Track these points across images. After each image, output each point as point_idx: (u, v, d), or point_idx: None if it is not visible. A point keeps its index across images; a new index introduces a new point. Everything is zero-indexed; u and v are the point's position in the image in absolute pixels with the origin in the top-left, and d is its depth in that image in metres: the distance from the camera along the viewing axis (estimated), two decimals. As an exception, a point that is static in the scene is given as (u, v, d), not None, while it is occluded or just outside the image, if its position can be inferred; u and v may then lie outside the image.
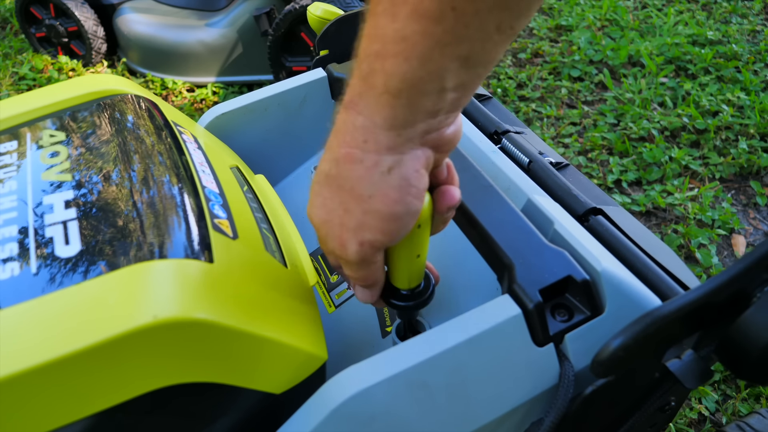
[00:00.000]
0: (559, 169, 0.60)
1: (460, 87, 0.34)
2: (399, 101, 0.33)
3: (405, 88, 0.33)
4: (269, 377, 0.42)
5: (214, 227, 0.43)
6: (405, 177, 0.36)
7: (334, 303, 0.61)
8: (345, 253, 0.39)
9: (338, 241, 0.38)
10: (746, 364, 0.38)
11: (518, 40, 1.91)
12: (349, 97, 0.35)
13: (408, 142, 0.35)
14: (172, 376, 0.37)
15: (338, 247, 0.39)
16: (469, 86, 0.35)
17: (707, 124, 1.47)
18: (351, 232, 0.38)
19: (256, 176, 0.63)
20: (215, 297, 0.38)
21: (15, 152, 0.49)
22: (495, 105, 0.73)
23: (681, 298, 0.38)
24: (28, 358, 0.33)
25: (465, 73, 0.33)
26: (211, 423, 0.41)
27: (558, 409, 0.42)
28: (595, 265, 0.44)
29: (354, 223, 0.37)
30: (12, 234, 0.41)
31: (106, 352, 0.34)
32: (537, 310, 0.42)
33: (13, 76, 1.75)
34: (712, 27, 1.90)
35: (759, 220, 1.30)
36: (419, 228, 0.40)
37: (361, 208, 0.36)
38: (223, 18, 1.67)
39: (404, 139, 0.35)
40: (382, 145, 0.35)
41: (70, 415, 0.35)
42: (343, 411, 0.39)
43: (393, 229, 0.37)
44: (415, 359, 0.40)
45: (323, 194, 0.38)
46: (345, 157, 0.36)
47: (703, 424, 0.94)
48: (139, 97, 0.56)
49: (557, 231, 0.48)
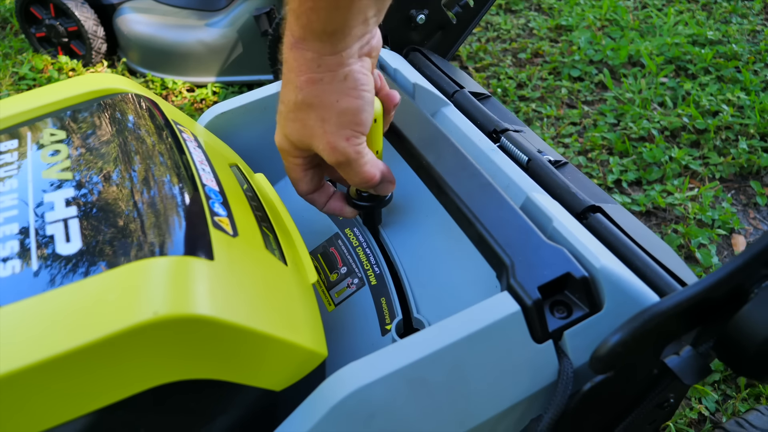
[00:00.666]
0: (557, 167, 0.61)
1: (378, 12, 0.45)
2: (335, 37, 0.44)
3: (339, 28, 0.43)
4: (269, 374, 0.42)
5: (214, 225, 0.43)
6: (356, 79, 0.46)
7: (334, 301, 0.61)
8: (339, 154, 0.48)
9: (329, 147, 0.48)
10: (744, 359, 0.38)
11: (518, 40, 1.91)
12: (294, 40, 0.45)
13: (350, 58, 0.46)
14: (172, 373, 0.37)
15: (331, 153, 0.48)
16: (383, 8, 0.46)
17: (707, 124, 1.47)
18: (335, 134, 0.47)
19: (255, 175, 0.63)
20: (215, 294, 0.38)
21: (16, 151, 0.49)
22: (494, 104, 0.73)
23: (679, 294, 0.38)
24: (28, 355, 0.33)
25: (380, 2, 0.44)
26: (211, 420, 0.41)
27: (557, 405, 0.42)
28: (594, 262, 0.45)
29: (333, 125, 0.47)
30: (13, 232, 0.41)
31: (106, 349, 0.34)
32: (536, 307, 0.43)
33: (13, 76, 1.75)
34: (712, 27, 1.90)
35: (759, 220, 1.30)
36: (375, 123, 0.52)
37: (334, 111, 0.47)
38: (223, 18, 1.67)
39: (347, 56, 0.45)
40: (332, 65, 0.45)
41: (71, 412, 0.35)
42: (342, 408, 0.39)
43: (362, 118, 0.48)
44: (415, 356, 0.40)
45: (298, 118, 0.48)
46: (307, 82, 0.46)
47: (703, 424, 0.94)
48: (140, 96, 0.57)
49: (556, 228, 0.49)
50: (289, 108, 0.48)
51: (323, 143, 0.48)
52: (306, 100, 0.46)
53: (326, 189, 0.58)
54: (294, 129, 0.49)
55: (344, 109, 0.47)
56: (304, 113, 0.47)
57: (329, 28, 0.43)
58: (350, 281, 0.61)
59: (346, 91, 0.46)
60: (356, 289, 0.60)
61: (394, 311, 0.56)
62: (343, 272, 0.62)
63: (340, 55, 0.45)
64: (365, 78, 0.47)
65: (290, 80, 0.46)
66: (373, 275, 0.60)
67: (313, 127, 0.47)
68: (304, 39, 0.44)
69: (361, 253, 0.62)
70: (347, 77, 0.46)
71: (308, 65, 0.45)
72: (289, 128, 0.49)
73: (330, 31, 0.43)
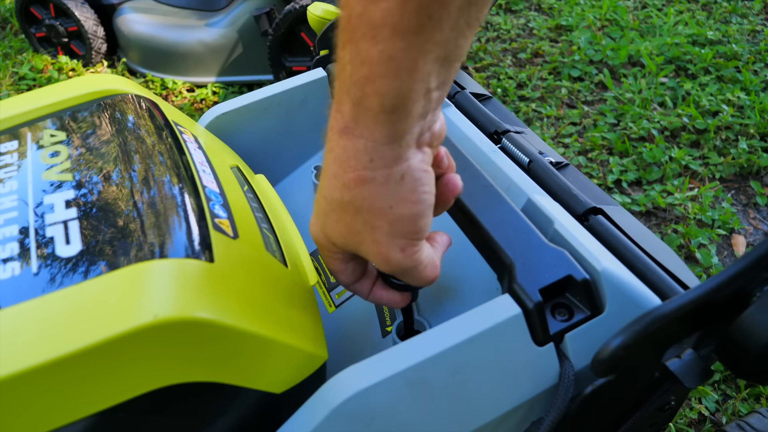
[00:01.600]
0: (559, 168, 0.61)
1: (442, 85, 0.37)
2: (395, 116, 0.35)
3: (399, 103, 0.35)
4: (270, 377, 0.42)
5: (214, 227, 0.43)
6: (416, 179, 0.38)
7: (335, 303, 0.61)
8: (395, 266, 0.41)
9: (380, 257, 0.41)
10: (746, 363, 0.38)
11: (518, 40, 1.91)
12: (343, 124, 0.37)
13: (408, 148, 0.37)
14: (172, 375, 0.37)
15: (384, 264, 0.41)
16: (447, 82, 0.37)
17: (707, 124, 1.47)
18: (387, 245, 0.40)
19: (256, 176, 0.63)
20: (216, 296, 0.38)
21: (15, 152, 0.49)
22: (495, 105, 0.73)
23: (681, 298, 0.38)
24: (29, 358, 0.33)
25: (445, 71, 0.36)
26: (211, 422, 0.41)
27: (558, 408, 0.42)
28: (595, 265, 0.45)
29: (385, 236, 0.40)
30: (12, 233, 0.41)
31: (106, 352, 0.34)
32: (537, 310, 0.43)
33: (13, 76, 1.75)
34: (712, 27, 1.90)
35: (759, 220, 1.30)
36: None
37: (386, 220, 0.39)
38: (223, 18, 1.67)
39: (405, 146, 0.37)
40: (388, 160, 0.37)
41: (71, 415, 0.35)
42: (343, 410, 0.39)
43: (420, 226, 0.40)
44: (416, 359, 0.40)
45: (342, 220, 0.40)
46: (355, 181, 0.38)
47: (703, 424, 0.94)
48: (140, 96, 0.56)
49: (557, 230, 0.48)
50: (332, 206, 0.40)
51: (373, 253, 0.41)
52: (354, 202, 0.39)
53: (371, 274, 0.49)
54: (337, 231, 0.41)
55: (399, 217, 0.39)
56: (350, 216, 0.40)
57: (388, 103, 0.35)
58: (351, 283, 0.61)
59: (402, 194, 0.38)
60: (357, 291, 0.60)
61: (395, 313, 0.56)
62: (344, 273, 0.62)
63: (398, 145, 0.37)
64: (426, 177, 0.39)
65: (336, 174, 0.39)
66: (373, 277, 0.60)
67: (361, 233, 0.40)
68: (357, 120, 0.36)
69: (362, 255, 0.62)
70: (404, 177, 0.38)
71: (358, 159, 0.37)
72: (331, 228, 0.42)
73: (389, 108, 0.35)
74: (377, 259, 0.41)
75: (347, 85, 0.35)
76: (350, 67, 0.35)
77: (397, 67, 0.33)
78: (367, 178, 0.37)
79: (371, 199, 0.38)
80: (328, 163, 0.39)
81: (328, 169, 0.39)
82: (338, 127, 0.37)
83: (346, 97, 0.36)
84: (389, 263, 0.41)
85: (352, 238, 0.41)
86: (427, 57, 0.34)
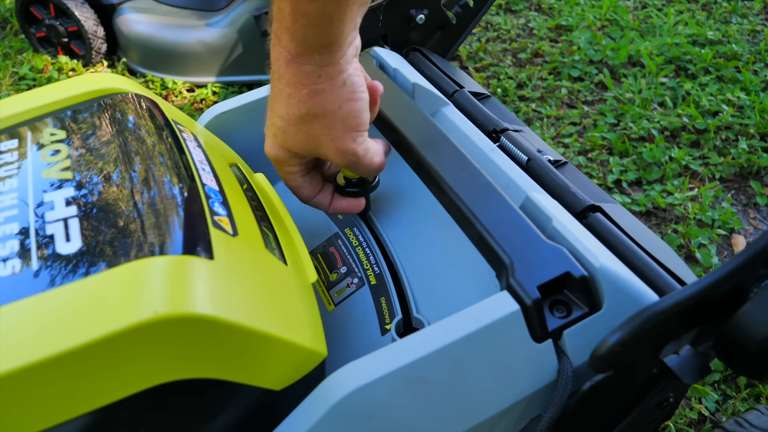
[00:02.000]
0: (557, 167, 0.61)
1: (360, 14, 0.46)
2: (332, 47, 0.45)
3: (334, 40, 0.45)
4: (269, 374, 0.42)
5: (214, 224, 0.43)
6: (354, 82, 0.48)
7: (334, 301, 0.61)
8: (350, 155, 0.51)
9: (338, 150, 0.50)
10: (743, 359, 0.38)
11: (518, 40, 1.91)
12: (290, 56, 0.46)
13: (346, 63, 0.47)
14: (172, 372, 0.37)
15: (341, 156, 0.51)
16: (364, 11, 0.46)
17: (707, 124, 1.47)
18: (342, 138, 0.50)
19: (255, 174, 0.63)
20: (215, 293, 0.38)
21: (15, 151, 0.49)
22: (494, 104, 0.73)
23: (678, 294, 0.38)
24: (28, 355, 0.33)
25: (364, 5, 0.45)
26: (211, 419, 0.41)
27: (556, 405, 0.42)
28: (593, 262, 0.45)
29: (340, 130, 0.49)
30: (13, 231, 0.41)
31: (106, 348, 0.34)
32: (535, 307, 0.43)
33: (13, 76, 1.75)
34: (712, 27, 1.90)
35: (759, 220, 1.30)
36: None
37: (338, 118, 0.48)
38: (223, 18, 1.67)
39: (344, 62, 0.47)
40: (332, 74, 0.47)
41: (71, 411, 0.35)
42: (342, 407, 0.39)
43: (363, 118, 0.50)
44: (414, 355, 0.40)
45: (301, 130, 0.49)
46: (309, 94, 0.47)
47: (703, 424, 0.94)
48: (140, 95, 0.57)
49: (556, 228, 0.49)
50: (290, 122, 0.49)
51: (332, 149, 0.50)
52: (310, 111, 0.48)
53: (327, 189, 0.59)
54: (298, 140, 0.50)
55: (347, 114, 0.48)
56: (308, 125, 0.49)
57: (326, 41, 0.45)
58: (350, 281, 0.61)
59: (346, 96, 0.48)
60: (356, 289, 0.60)
61: (394, 311, 0.57)
62: (343, 272, 0.62)
63: (338, 63, 0.46)
64: (360, 79, 0.49)
65: (290, 94, 0.47)
66: (372, 275, 0.60)
67: (320, 136, 0.49)
68: (301, 54, 0.45)
69: (361, 253, 0.62)
70: (345, 83, 0.48)
71: (309, 78, 0.46)
72: (291, 140, 0.50)
73: (327, 44, 0.45)
74: (335, 153, 0.50)
75: (291, 29, 0.44)
76: (291, 17, 0.43)
77: (330, 19, 0.43)
78: (318, 90, 0.47)
79: (324, 105, 0.47)
80: (281, 88, 0.48)
81: (280, 92, 0.48)
82: (285, 59, 0.46)
83: (289, 36, 0.44)
84: (345, 154, 0.50)
85: (312, 143, 0.50)
86: (353, 6, 0.44)
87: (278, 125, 0.50)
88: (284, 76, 0.47)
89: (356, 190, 0.59)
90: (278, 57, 0.46)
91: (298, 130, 0.49)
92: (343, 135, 0.49)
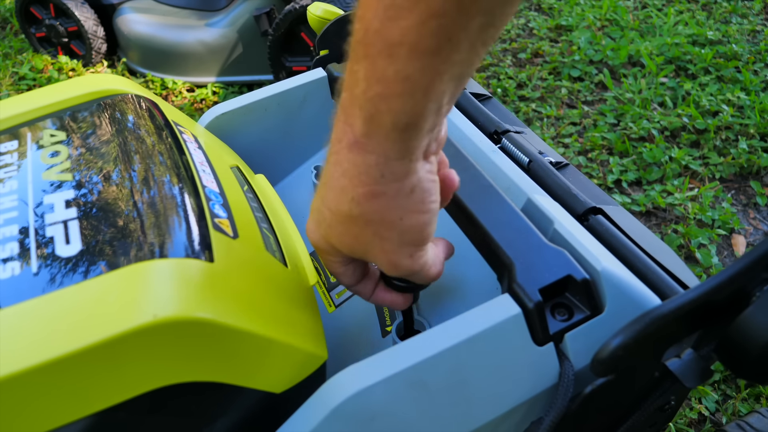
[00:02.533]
0: (558, 168, 0.61)
1: (452, 99, 0.36)
2: (407, 134, 0.35)
3: (412, 121, 0.35)
4: (270, 376, 0.42)
5: (214, 227, 0.43)
6: (425, 189, 0.39)
7: (334, 303, 0.61)
8: (403, 271, 0.42)
9: (390, 264, 0.42)
10: (746, 363, 0.38)
11: (518, 40, 1.91)
12: (353, 138, 0.36)
13: (418, 161, 0.38)
14: (172, 375, 0.37)
15: (392, 269, 0.42)
16: (457, 95, 0.37)
17: (707, 124, 1.47)
18: (396, 252, 0.41)
19: (256, 176, 0.63)
20: (216, 296, 0.38)
21: (15, 152, 0.49)
22: (495, 105, 0.73)
23: (680, 297, 0.38)
24: (28, 358, 0.33)
25: (457, 88, 0.36)
26: (211, 422, 0.41)
27: (558, 408, 0.42)
28: (595, 265, 0.45)
29: (395, 245, 0.40)
30: (12, 233, 0.41)
31: (106, 352, 0.34)
32: (537, 310, 0.42)
33: (13, 76, 1.75)
34: (712, 27, 1.90)
35: (759, 220, 1.30)
36: None
37: (396, 231, 0.39)
38: (223, 18, 1.67)
39: (415, 160, 0.37)
40: (399, 174, 0.37)
41: (71, 415, 0.35)
42: (342, 410, 0.39)
43: (428, 233, 0.41)
44: (415, 358, 0.40)
45: (349, 232, 0.40)
46: (366, 196, 0.38)
47: (703, 424, 0.94)
48: (140, 96, 0.56)
49: (557, 230, 0.48)
50: (339, 219, 0.40)
51: (382, 260, 0.42)
52: (364, 215, 0.39)
53: (373, 276, 0.49)
54: (344, 242, 0.42)
55: (409, 228, 0.40)
56: (359, 228, 0.40)
57: (401, 122, 0.35)
58: (350, 282, 0.61)
59: (412, 206, 0.39)
60: (356, 291, 0.60)
61: (395, 313, 0.56)
62: (344, 273, 0.62)
63: (408, 160, 0.37)
64: (433, 187, 0.40)
65: (344, 188, 0.38)
66: (373, 276, 0.60)
67: (370, 243, 0.41)
68: (368, 136, 0.36)
69: (362, 255, 0.62)
70: (414, 190, 0.38)
71: (369, 174, 0.37)
72: (337, 239, 0.42)
73: (402, 126, 0.35)
74: (386, 266, 0.42)
75: (360, 101, 0.35)
76: (364, 83, 0.34)
77: (413, 87, 0.33)
78: (378, 193, 0.37)
79: (382, 212, 0.38)
80: (336, 176, 0.39)
81: (335, 181, 0.39)
82: (347, 141, 0.37)
83: (358, 112, 0.35)
84: (398, 269, 0.42)
85: (360, 247, 0.41)
86: (443, 77, 0.34)
87: (325, 216, 0.41)
88: (342, 162, 0.38)
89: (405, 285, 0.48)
90: (341, 137, 0.37)
91: (347, 230, 0.40)
92: (399, 249, 0.41)
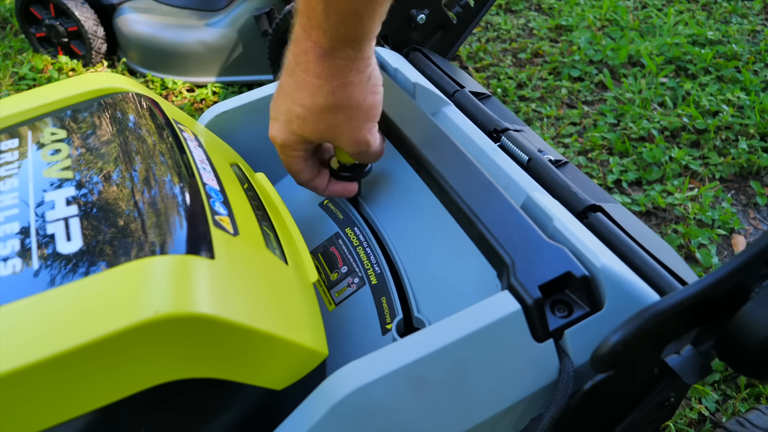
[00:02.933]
0: (558, 166, 0.61)
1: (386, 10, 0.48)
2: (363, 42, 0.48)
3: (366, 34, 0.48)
4: (270, 373, 0.42)
5: (214, 224, 0.43)
6: (377, 75, 0.52)
7: (335, 300, 0.61)
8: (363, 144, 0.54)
9: (354, 140, 0.54)
10: (745, 358, 0.38)
11: (518, 40, 1.91)
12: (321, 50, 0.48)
13: (371, 57, 0.51)
14: (173, 371, 0.37)
15: (355, 145, 0.54)
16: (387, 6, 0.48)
17: (707, 124, 1.47)
18: (361, 129, 0.53)
19: (256, 174, 0.63)
20: (216, 293, 0.38)
21: (16, 150, 0.49)
22: (494, 103, 0.73)
23: (679, 293, 0.38)
24: (30, 354, 0.33)
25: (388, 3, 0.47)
26: (212, 419, 0.41)
27: (557, 404, 0.42)
28: (595, 261, 0.45)
29: (360, 121, 0.52)
30: (13, 231, 0.41)
31: (107, 348, 0.34)
32: (536, 306, 0.43)
33: (13, 76, 1.75)
34: (712, 27, 1.90)
35: (759, 220, 1.30)
36: None
37: (361, 112, 0.52)
38: (223, 18, 1.67)
39: (371, 55, 0.50)
40: (361, 67, 0.50)
41: (72, 411, 0.35)
42: (343, 407, 0.39)
43: (379, 110, 0.54)
44: (415, 355, 0.40)
45: (324, 119, 0.51)
46: (340, 86, 0.50)
47: (703, 424, 0.94)
48: (140, 95, 0.57)
49: (556, 228, 0.49)
50: (313, 111, 0.51)
51: (349, 138, 0.53)
52: (338, 102, 0.50)
53: (324, 173, 0.62)
54: (317, 128, 0.52)
55: (370, 105, 0.52)
56: (331, 115, 0.51)
57: (357, 37, 0.47)
58: (351, 280, 0.61)
59: (370, 88, 0.51)
60: (357, 289, 0.60)
61: (395, 310, 0.56)
62: (344, 271, 0.62)
63: (367, 58, 0.50)
64: (379, 72, 0.53)
65: (319, 86, 0.49)
66: (373, 274, 0.60)
67: (340, 126, 0.52)
68: (335, 48, 0.47)
69: (362, 253, 0.62)
70: (371, 76, 0.51)
71: (341, 71, 0.49)
72: (310, 128, 0.52)
73: (358, 39, 0.47)
74: (350, 141, 0.53)
75: (323, 27, 0.46)
76: (323, 14, 0.45)
77: (361, 15, 0.46)
78: (349, 82, 0.50)
79: (352, 96, 0.50)
80: (308, 79, 0.49)
81: (306, 83, 0.50)
82: (316, 53, 0.48)
83: (321, 32, 0.46)
84: (359, 143, 0.54)
85: (331, 131, 0.53)
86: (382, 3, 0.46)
87: (297, 112, 0.52)
88: (314, 69, 0.49)
89: (350, 175, 0.62)
90: (308, 51, 0.48)
91: (320, 119, 0.51)
92: (363, 125, 0.53)
